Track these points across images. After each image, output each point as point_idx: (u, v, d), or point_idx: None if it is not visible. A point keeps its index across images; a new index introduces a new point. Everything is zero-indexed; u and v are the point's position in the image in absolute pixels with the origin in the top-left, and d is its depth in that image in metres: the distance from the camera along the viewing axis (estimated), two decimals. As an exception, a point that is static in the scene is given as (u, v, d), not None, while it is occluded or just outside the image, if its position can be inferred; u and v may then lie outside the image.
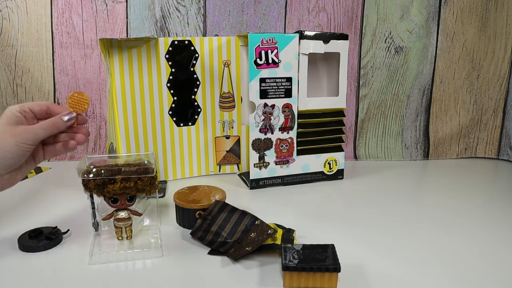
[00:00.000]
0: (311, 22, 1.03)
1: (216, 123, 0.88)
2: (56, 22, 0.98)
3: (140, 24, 0.99)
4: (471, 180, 0.90)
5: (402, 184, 0.86)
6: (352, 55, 1.04)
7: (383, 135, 1.09)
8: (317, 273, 0.46)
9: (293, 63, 0.78)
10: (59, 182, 0.85)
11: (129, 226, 0.56)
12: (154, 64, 0.79)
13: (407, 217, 0.68)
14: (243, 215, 0.59)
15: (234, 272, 0.50)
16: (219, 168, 0.91)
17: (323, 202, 0.75)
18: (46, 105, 0.54)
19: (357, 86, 1.06)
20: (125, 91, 0.78)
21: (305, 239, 0.59)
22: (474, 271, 0.51)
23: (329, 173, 0.87)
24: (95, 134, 1.04)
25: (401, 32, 1.03)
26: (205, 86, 0.85)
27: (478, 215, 0.69)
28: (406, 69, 1.05)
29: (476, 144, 1.11)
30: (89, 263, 0.52)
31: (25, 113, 0.51)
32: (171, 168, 0.86)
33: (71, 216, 0.67)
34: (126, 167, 0.53)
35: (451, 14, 1.02)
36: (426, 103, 1.08)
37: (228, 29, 1.02)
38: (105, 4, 0.98)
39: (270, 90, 0.78)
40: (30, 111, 0.52)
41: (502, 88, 1.06)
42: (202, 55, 0.83)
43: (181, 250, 0.56)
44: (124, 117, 0.78)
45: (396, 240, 0.59)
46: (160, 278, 0.49)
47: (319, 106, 0.83)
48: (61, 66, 1.00)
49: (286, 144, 0.82)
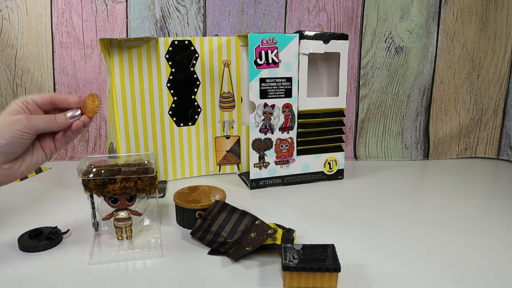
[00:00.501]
0: (311, 22, 1.03)
1: (216, 123, 0.88)
2: (56, 22, 0.98)
3: (140, 24, 0.99)
4: (471, 180, 0.90)
5: (402, 184, 0.86)
6: (352, 55, 1.04)
7: (383, 135, 1.09)
8: (317, 273, 0.46)
9: (293, 63, 0.78)
10: (59, 182, 0.85)
11: (129, 226, 0.56)
12: (154, 64, 0.79)
13: (407, 217, 0.68)
14: (243, 215, 0.59)
15: (234, 272, 0.50)
16: (219, 168, 0.91)
17: (323, 202, 0.75)
18: (48, 96, 0.52)
19: (357, 86, 1.06)
20: (125, 91, 0.78)
21: (305, 239, 0.59)
22: (474, 271, 0.51)
23: (329, 173, 0.87)
24: (95, 134, 1.04)
25: (401, 32, 1.03)
26: (205, 86, 0.85)
27: (478, 215, 0.69)
28: (406, 69, 1.05)
29: (476, 144, 1.11)
30: (89, 263, 0.52)
31: (27, 104, 0.50)
32: (171, 168, 0.86)
33: (71, 216, 0.67)
34: (126, 167, 0.53)
35: (451, 14, 1.02)
36: (426, 103, 1.08)
37: (228, 29, 1.02)
38: (105, 4, 0.98)
39: (270, 90, 0.78)
40: (34, 102, 0.51)
41: (502, 88, 1.06)
42: (202, 55, 0.83)
43: (181, 250, 0.56)
44: (124, 117, 0.78)
45: (396, 240, 0.59)
46: (160, 278, 0.49)
47: (319, 106, 0.83)
48: (61, 66, 1.00)
49: (286, 144, 0.82)
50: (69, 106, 0.53)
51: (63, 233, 0.59)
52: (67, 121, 0.52)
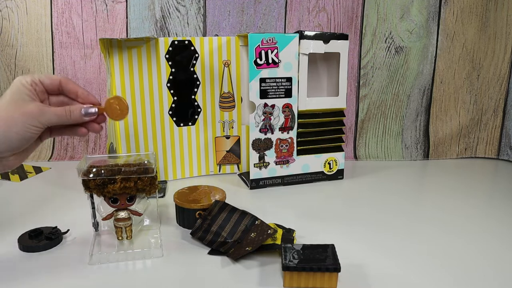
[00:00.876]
0: (311, 22, 1.03)
1: (216, 123, 0.88)
2: (56, 22, 0.98)
3: (140, 24, 0.99)
4: (471, 180, 0.90)
5: (402, 184, 0.86)
6: (352, 55, 1.04)
7: (383, 135, 1.09)
8: (317, 273, 0.46)
9: (293, 63, 0.78)
10: (59, 182, 0.85)
11: (129, 226, 0.56)
12: (154, 64, 0.79)
13: (407, 217, 0.68)
14: (243, 215, 0.59)
15: (234, 272, 0.50)
16: (219, 168, 0.91)
17: (323, 202, 0.75)
18: (58, 79, 0.48)
19: (357, 86, 1.06)
20: (125, 91, 0.78)
21: (305, 239, 0.59)
22: (474, 271, 0.51)
23: (329, 173, 0.87)
24: (95, 134, 1.04)
25: (401, 32, 1.03)
26: (205, 86, 0.85)
27: (478, 215, 0.69)
28: (406, 69, 1.05)
29: (476, 144, 1.11)
30: (89, 263, 0.52)
31: (35, 85, 0.46)
32: (171, 168, 0.86)
33: (71, 216, 0.67)
34: (126, 167, 0.53)
35: (451, 14, 1.02)
36: (426, 103, 1.08)
37: (228, 29, 1.02)
38: (105, 4, 0.98)
39: (270, 90, 0.78)
40: (41, 83, 0.47)
41: (502, 88, 1.06)
42: (202, 55, 0.83)
43: (181, 250, 0.56)
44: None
45: (396, 240, 0.59)
46: (160, 278, 0.49)
47: (319, 106, 0.83)
48: (61, 66, 1.00)
49: (286, 144, 0.82)
50: (76, 98, 0.50)
51: (63, 233, 0.59)
52: (81, 119, 0.48)
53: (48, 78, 0.47)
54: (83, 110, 0.48)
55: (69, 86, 0.49)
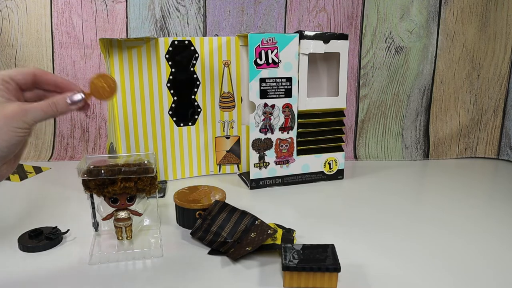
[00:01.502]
0: (311, 22, 1.03)
1: (216, 123, 0.88)
2: (56, 22, 0.98)
3: (140, 24, 0.99)
4: (471, 180, 0.90)
5: (402, 184, 0.86)
6: (352, 55, 1.04)
7: (383, 135, 1.09)
8: (317, 273, 0.46)
9: (293, 63, 0.78)
10: (59, 182, 0.85)
11: (129, 226, 0.56)
12: (154, 64, 0.79)
13: (407, 217, 0.68)
14: (243, 215, 0.59)
15: (234, 272, 0.50)
16: (219, 168, 0.91)
17: (323, 202, 0.75)
18: (31, 72, 0.43)
19: (357, 86, 1.06)
20: (125, 91, 0.78)
21: (305, 239, 0.59)
22: (474, 271, 0.51)
23: (329, 173, 0.87)
24: (95, 134, 1.04)
25: (401, 32, 1.03)
26: (205, 86, 0.85)
27: (478, 215, 0.69)
28: (406, 69, 1.05)
29: (476, 144, 1.11)
30: (89, 263, 0.52)
31: (7, 83, 0.41)
32: (171, 168, 0.86)
33: (71, 216, 0.67)
34: (126, 167, 0.53)
35: (451, 14, 1.02)
36: (426, 103, 1.08)
37: (228, 29, 1.02)
38: (105, 4, 0.98)
39: (270, 90, 0.78)
40: (12, 81, 0.42)
41: (502, 88, 1.06)
42: (202, 55, 0.83)
43: (181, 250, 0.56)
44: (124, 117, 0.78)
45: (396, 240, 0.59)
46: (160, 278, 0.49)
47: (319, 106, 0.83)
48: (61, 66, 1.00)
49: (286, 144, 0.82)
50: (55, 89, 0.45)
51: (63, 233, 0.59)
52: (68, 109, 0.43)
53: (20, 73, 0.42)
54: (68, 99, 0.43)
55: (46, 77, 0.44)
